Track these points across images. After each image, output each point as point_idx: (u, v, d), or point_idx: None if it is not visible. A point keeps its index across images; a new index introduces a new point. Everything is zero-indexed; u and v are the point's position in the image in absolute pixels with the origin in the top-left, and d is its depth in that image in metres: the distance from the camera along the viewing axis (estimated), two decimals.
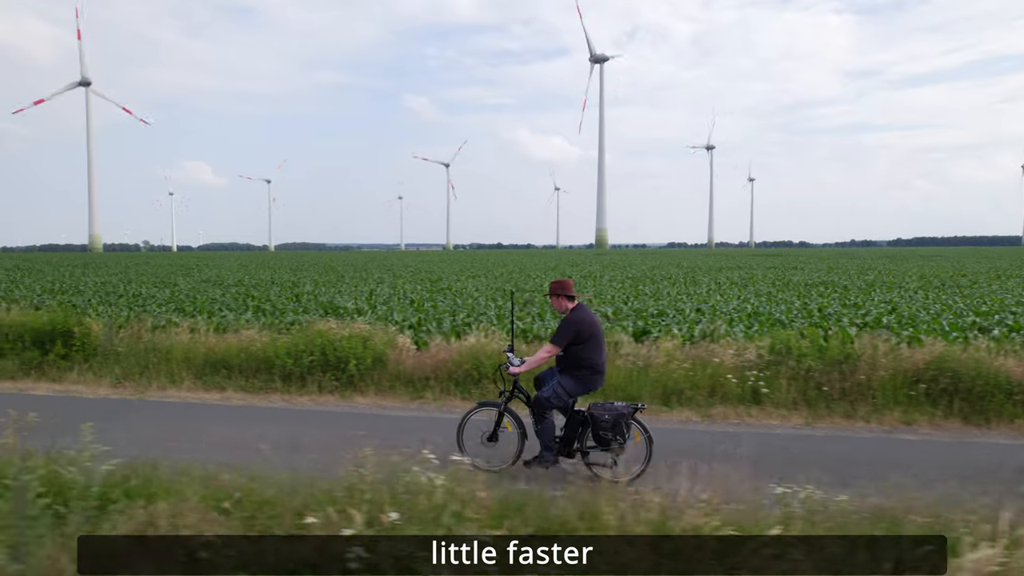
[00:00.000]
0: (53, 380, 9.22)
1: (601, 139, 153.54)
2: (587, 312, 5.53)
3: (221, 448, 5.88)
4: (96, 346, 9.68)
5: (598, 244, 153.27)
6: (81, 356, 9.56)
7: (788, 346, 8.17)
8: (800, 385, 7.85)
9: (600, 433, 5.21)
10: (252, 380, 8.75)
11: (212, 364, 9.03)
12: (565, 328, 5.38)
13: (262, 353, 8.83)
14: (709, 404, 7.80)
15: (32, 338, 9.72)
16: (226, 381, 8.77)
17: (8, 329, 9.90)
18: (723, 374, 8.01)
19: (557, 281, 5.60)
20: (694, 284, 22.72)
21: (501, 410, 5.63)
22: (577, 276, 28.14)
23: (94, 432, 3.83)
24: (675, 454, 5.01)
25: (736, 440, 6.24)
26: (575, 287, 5.99)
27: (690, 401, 7.88)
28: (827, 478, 3.83)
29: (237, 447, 5.70)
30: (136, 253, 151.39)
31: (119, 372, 9.18)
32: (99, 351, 9.64)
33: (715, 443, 6.06)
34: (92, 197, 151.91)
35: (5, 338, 9.80)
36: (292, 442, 5.57)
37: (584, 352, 5.39)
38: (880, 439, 6.75)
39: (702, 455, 4.84)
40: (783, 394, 7.77)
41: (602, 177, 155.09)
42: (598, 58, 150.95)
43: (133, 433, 6.33)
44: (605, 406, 5.30)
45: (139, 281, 25.48)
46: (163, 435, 6.55)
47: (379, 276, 29.15)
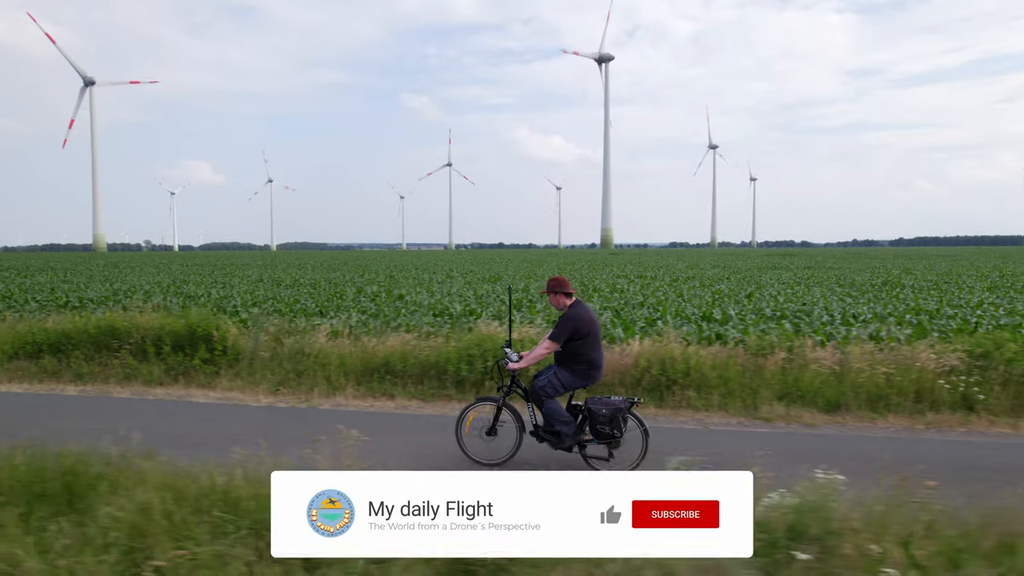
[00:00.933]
0: (204, 386, 8.82)
1: (607, 138, 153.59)
2: (585, 309, 5.62)
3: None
4: (239, 351, 9.28)
5: (603, 244, 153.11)
6: (224, 361, 9.17)
7: (993, 349, 7.82)
8: (1015, 390, 7.52)
9: (598, 427, 5.36)
10: (421, 387, 8.36)
11: (372, 370, 8.63)
12: (564, 324, 5.48)
13: (431, 359, 8.43)
14: (917, 411, 7.47)
15: (172, 342, 9.31)
16: (394, 388, 8.37)
17: (147, 332, 9.49)
18: (929, 379, 7.67)
19: (554, 279, 5.70)
20: (758, 285, 22.27)
21: (499, 405, 5.75)
22: (631, 276, 27.36)
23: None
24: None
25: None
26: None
27: (898, 408, 7.54)
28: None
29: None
30: (139, 253, 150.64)
31: (272, 378, 8.79)
32: (243, 356, 9.23)
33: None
34: (96, 196, 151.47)
35: (146, 342, 9.38)
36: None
37: (582, 348, 5.51)
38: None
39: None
40: (999, 400, 7.44)
41: (607, 176, 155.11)
42: (602, 57, 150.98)
43: (392, 445, 5.81)
44: (602, 400, 5.45)
45: (195, 281, 24.90)
46: (420, 446, 6.22)
47: (430, 276, 28.35)
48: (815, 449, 6.20)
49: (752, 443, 5.88)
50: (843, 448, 6.34)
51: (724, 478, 2.98)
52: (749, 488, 2.97)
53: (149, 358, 9.28)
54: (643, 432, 5.49)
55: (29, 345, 9.83)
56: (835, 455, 5.49)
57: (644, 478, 3.05)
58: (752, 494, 2.96)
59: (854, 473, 3.78)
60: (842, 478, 3.64)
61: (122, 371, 9.22)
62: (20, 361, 9.75)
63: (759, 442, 6.12)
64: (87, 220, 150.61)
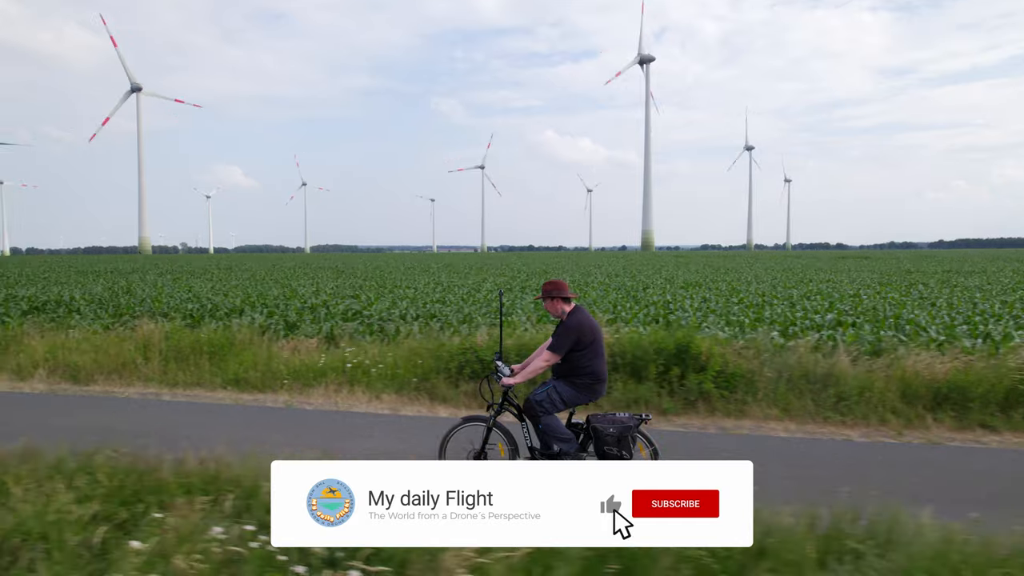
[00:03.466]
0: (727, 415, 7.74)
1: (647, 140, 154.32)
2: (586, 315, 5.13)
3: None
4: (738, 373, 8.10)
5: (644, 246, 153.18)
6: (722, 383, 8.04)
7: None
8: None
9: (605, 448, 4.85)
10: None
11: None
12: (564, 334, 5.00)
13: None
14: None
15: (659, 360, 8.25)
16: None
17: (631, 350, 8.47)
18: None
19: (551, 282, 5.16)
20: (847, 286, 21.16)
21: (489, 426, 5.13)
22: (752, 281, 24.98)
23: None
24: None
25: None
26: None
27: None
28: None
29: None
30: (179, 255, 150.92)
31: (811, 407, 7.68)
32: (745, 378, 8.07)
33: None
34: (142, 200, 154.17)
35: (632, 360, 8.38)
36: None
37: (584, 359, 5.02)
38: None
39: None
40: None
41: (648, 178, 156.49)
42: (644, 59, 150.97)
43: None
44: (608, 418, 4.92)
45: (332, 292, 20.12)
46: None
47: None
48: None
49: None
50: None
51: (724, 468, 2.98)
52: (749, 477, 2.97)
53: (641, 378, 8.26)
54: (652, 452, 4.99)
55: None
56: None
57: (644, 468, 3.06)
58: (752, 483, 2.96)
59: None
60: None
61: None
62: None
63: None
64: (124, 223, 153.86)
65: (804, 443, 6.95)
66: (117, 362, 10.05)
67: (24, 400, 8.99)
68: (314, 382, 9.18)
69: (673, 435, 7.07)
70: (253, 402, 8.73)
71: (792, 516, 3.64)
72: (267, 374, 9.42)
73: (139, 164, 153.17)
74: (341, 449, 6.10)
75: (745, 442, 6.94)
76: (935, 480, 5.86)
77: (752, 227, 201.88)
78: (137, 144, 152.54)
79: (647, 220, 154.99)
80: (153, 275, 32.80)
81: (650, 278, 27.65)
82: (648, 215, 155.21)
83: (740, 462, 2.99)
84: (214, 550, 3.23)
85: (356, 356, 9.60)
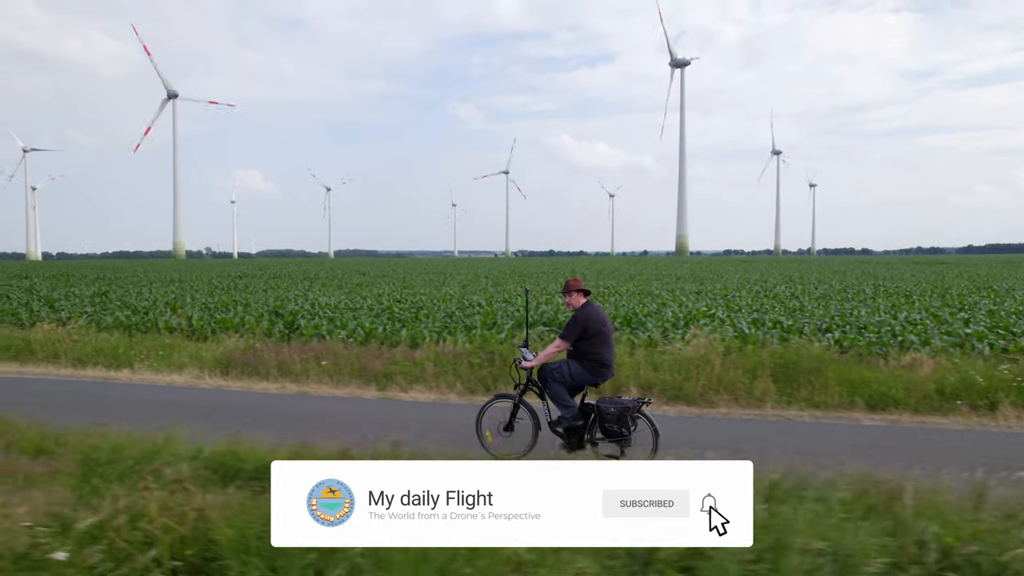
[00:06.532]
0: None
1: (682, 144, 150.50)
2: (596, 309, 5.92)
3: None
4: None
5: (678, 250, 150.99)
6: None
7: None
8: None
9: (607, 426, 5.60)
10: None
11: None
12: (573, 324, 5.80)
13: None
14: None
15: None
16: None
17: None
18: None
19: (571, 280, 6.06)
20: (941, 293, 20.82)
21: (516, 402, 6.10)
22: (840, 289, 23.56)
23: None
24: None
25: None
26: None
27: None
28: None
29: None
30: (205, 260, 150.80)
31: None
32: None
33: None
34: (177, 205, 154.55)
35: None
36: None
37: (591, 347, 5.79)
38: None
39: None
40: None
41: (683, 183, 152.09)
42: (679, 62, 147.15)
43: None
44: (612, 400, 5.72)
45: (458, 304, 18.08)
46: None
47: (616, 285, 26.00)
48: None
49: None
50: None
51: (724, 468, 2.98)
52: (749, 478, 2.97)
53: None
54: (653, 432, 5.67)
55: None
56: None
57: (644, 467, 3.06)
58: (752, 484, 2.96)
59: None
60: None
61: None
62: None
63: None
64: (150, 228, 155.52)
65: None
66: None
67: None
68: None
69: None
70: None
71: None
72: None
73: (174, 170, 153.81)
74: None
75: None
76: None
77: (780, 232, 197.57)
78: (172, 150, 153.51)
79: (682, 225, 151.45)
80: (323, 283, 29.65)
81: (816, 287, 25.14)
82: (683, 220, 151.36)
83: (740, 462, 2.99)
84: None
85: None
